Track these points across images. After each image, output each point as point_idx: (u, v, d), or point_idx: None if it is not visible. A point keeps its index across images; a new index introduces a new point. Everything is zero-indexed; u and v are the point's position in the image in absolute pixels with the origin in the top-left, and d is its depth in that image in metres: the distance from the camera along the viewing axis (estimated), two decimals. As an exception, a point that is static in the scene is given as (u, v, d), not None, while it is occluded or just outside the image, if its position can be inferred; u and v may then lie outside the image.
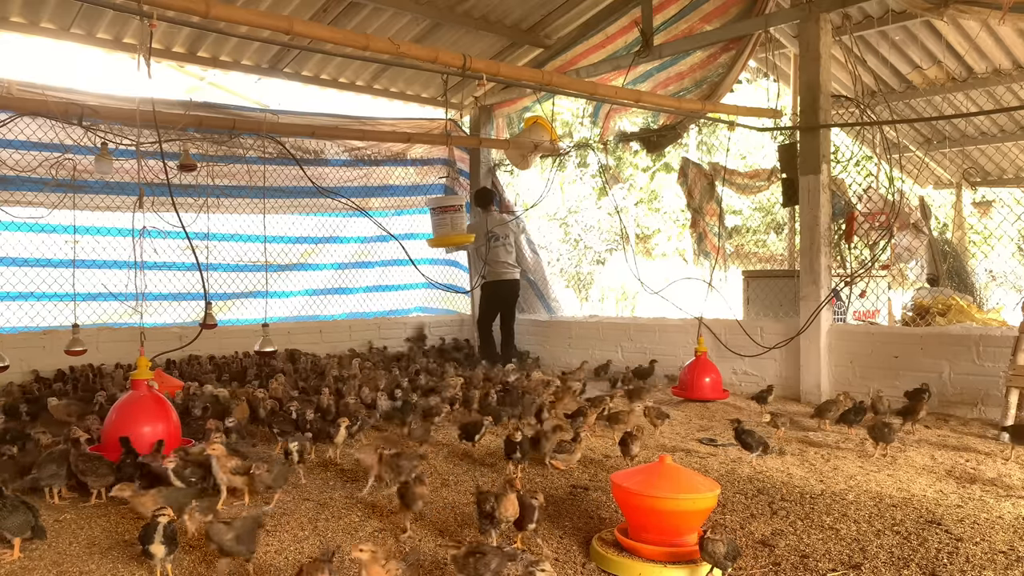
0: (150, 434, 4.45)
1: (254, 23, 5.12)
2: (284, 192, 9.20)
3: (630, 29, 8.86)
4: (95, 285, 8.13)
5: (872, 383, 6.65)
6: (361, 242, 10.14)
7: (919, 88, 9.80)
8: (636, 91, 7.77)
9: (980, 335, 6.23)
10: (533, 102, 9.55)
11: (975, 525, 3.61)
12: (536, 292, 10.52)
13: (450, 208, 8.21)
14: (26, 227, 7.76)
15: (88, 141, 7.28)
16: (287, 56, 9.08)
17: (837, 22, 7.59)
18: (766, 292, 8.26)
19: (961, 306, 8.04)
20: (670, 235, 21.11)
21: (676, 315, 8.15)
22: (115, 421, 4.59)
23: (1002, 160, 11.39)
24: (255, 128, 7.65)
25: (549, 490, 4.16)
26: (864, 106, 7.72)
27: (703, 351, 7.07)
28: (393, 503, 3.80)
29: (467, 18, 8.97)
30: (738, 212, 19.40)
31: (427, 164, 10.48)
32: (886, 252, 7.92)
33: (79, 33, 7.90)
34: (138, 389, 4.74)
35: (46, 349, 7.45)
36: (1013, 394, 5.43)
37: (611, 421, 5.40)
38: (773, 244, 19.82)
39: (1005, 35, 8.58)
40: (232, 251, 9.09)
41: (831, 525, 3.62)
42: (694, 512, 3.21)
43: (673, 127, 9.16)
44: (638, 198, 21.22)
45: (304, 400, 5.60)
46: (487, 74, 6.02)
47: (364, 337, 9.59)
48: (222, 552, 3.00)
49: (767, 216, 19.83)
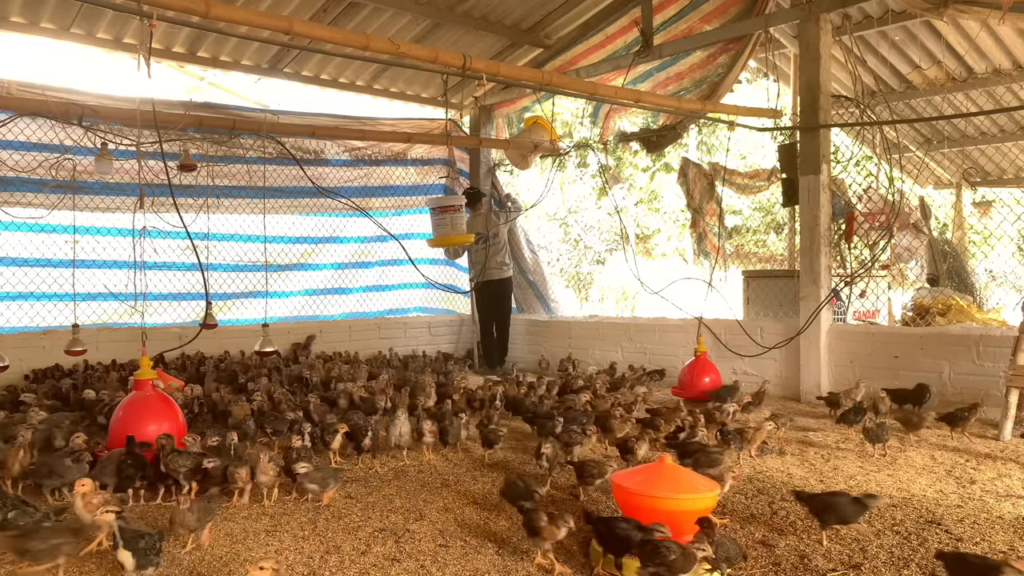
0: (156, 433, 4.44)
1: (254, 23, 5.12)
2: (284, 192, 9.20)
3: (630, 29, 8.86)
4: (95, 285, 8.13)
5: (872, 383, 6.64)
6: (360, 242, 10.15)
7: (919, 88, 9.80)
8: (636, 91, 7.76)
9: (980, 335, 6.23)
10: (533, 102, 9.55)
11: (975, 525, 3.61)
12: (536, 292, 10.52)
13: (450, 208, 8.21)
14: (26, 227, 7.76)
15: (88, 141, 7.28)
16: (287, 56, 9.08)
17: (837, 22, 7.59)
18: (766, 292, 8.26)
19: (961, 306, 8.04)
20: (670, 235, 21.11)
21: (676, 315, 8.15)
22: (121, 420, 4.59)
23: (1002, 160, 11.39)
24: (255, 128, 7.65)
25: (550, 490, 4.16)
26: (864, 106, 7.72)
27: (703, 351, 7.07)
28: (393, 504, 3.79)
29: (467, 18, 8.97)
30: (738, 212, 19.40)
31: (427, 164, 10.47)
32: (886, 252, 7.92)
33: (79, 33, 7.90)
34: (141, 389, 4.74)
35: (46, 349, 7.45)
36: (1013, 394, 5.43)
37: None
38: (773, 244, 19.82)
39: (1005, 35, 8.57)
40: (232, 251, 9.09)
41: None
42: (694, 512, 3.20)
43: (673, 127, 9.16)
44: (638, 198, 21.22)
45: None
46: (487, 74, 6.02)
47: (364, 337, 9.58)
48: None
49: (767, 216, 19.83)
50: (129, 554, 2.88)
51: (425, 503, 4.04)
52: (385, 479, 4.52)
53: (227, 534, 3.59)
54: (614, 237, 20.17)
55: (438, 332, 10.34)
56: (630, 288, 18.14)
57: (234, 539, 3.53)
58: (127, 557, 2.88)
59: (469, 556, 3.30)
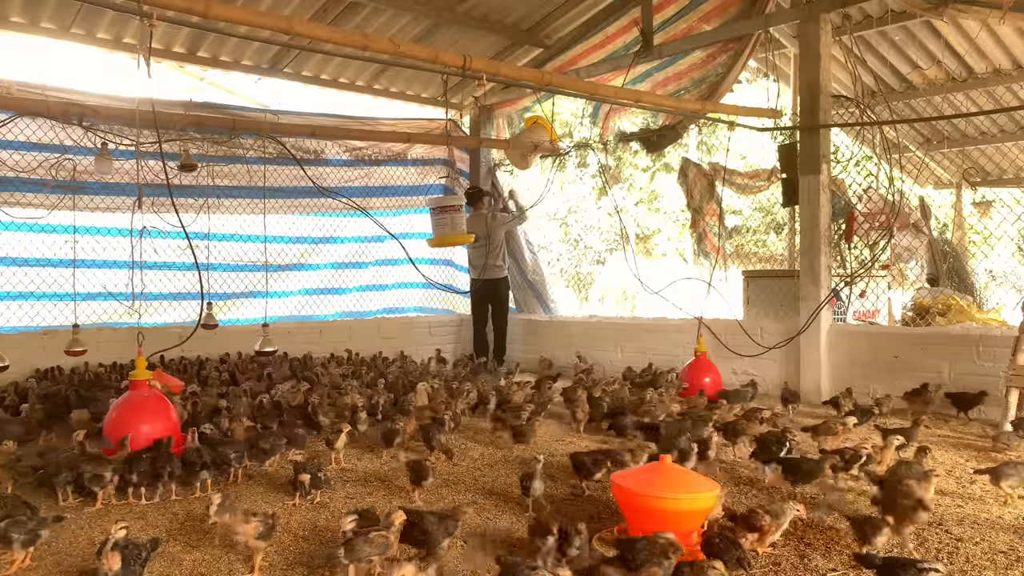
0: (150, 433, 4.45)
1: (254, 23, 5.13)
2: (284, 192, 9.21)
3: (629, 29, 8.86)
4: (95, 285, 8.13)
5: (872, 383, 6.65)
6: (359, 242, 10.16)
7: (919, 88, 9.80)
8: (636, 91, 7.77)
9: (980, 335, 6.23)
10: (533, 102, 9.55)
11: (975, 525, 3.61)
12: (535, 293, 10.52)
13: (450, 208, 8.20)
14: (26, 227, 7.76)
15: (88, 141, 7.28)
16: (287, 56, 9.08)
17: (837, 22, 7.58)
18: (766, 292, 8.26)
19: (961, 306, 8.05)
20: (670, 235, 21.10)
21: (676, 315, 8.15)
22: (115, 420, 4.60)
23: (1002, 160, 11.39)
24: (255, 128, 7.65)
25: (550, 490, 4.16)
26: (864, 106, 7.72)
27: (703, 351, 7.07)
28: (393, 504, 3.79)
29: (467, 18, 8.97)
30: (738, 212, 19.39)
31: (427, 164, 10.48)
32: (886, 252, 7.92)
33: (79, 33, 7.90)
34: (137, 389, 4.75)
35: (46, 349, 7.44)
36: (1013, 394, 5.43)
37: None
38: (773, 244, 19.80)
39: (1005, 35, 8.57)
40: (231, 251, 9.09)
41: (831, 525, 3.62)
42: (694, 512, 3.21)
43: (673, 127, 9.16)
44: (638, 198, 21.21)
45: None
46: (487, 74, 6.02)
47: (365, 337, 9.57)
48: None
49: (767, 216, 19.82)
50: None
51: (425, 503, 4.04)
52: (385, 479, 4.52)
53: (227, 533, 3.59)
54: (614, 237, 20.17)
55: (438, 332, 10.34)
56: (630, 288, 18.14)
57: (234, 539, 3.53)
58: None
59: (469, 556, 3.30)
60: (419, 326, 10.30)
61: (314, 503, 4.02)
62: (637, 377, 7.30)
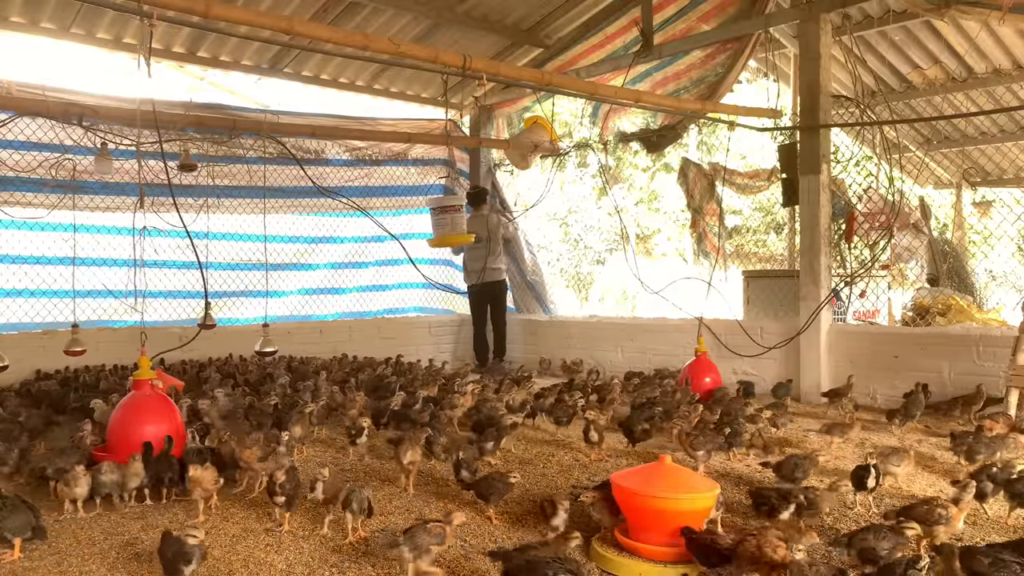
0: (153, 433, 4.44)
1: (254, 23, 5.13)
2: (284, 192, 9.21)
3: (629, 29, 8.86)
4: (95, 284, 8.13)
5: (872, 383, 6.65)
6: (359, 242, 10.16)
7: (919, 88, 9.79)
8: (636, 91, 7.77)
9: (980, 335, 6.23)
10: (533, 102, 9.55)
11: (975, 525, 3.61)
12: (535, 294, 10.52)
13: (450, 208, 8.21)
14: (26, 226, 7.76)
15: (88, 141, 7.28)
16: (287, 56, 9.08)
17: (837, 22, 7.58)
18: (766, 292, 8.26)
19: (961, 306, 8.05)
20: (670, 235, 21.10)
21: (676, 315, 8.15)
22: (119, 421, 4.59)
23: (1002, 160, 11.39)
24: (255, 128, 7.64)
25: (548, 490, 4.16)
26: (864, 106, 7.72)
27: (703, 351, 7.07)
28: (392, 504, 3.79)
29: (467, 18, 8.97)
30: (738, 212, 19.38)
31: (427, 164, 10.48)
32: (886, 252, 7.92)
33: (79, 33, 7.90)
34: (140, 389, 4.74)
35: (46, 349, 7.44)
36: (1013, 394, 5.43)
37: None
38: (773, 244, 19.80)
39: (1005, 35, 8.57)
40: (231, 250, 9.09)
41: (831, 525, 3.62)
42: (693, 511, 3.21)
43: (673, 127, 9.16)
44: (638, 198, 21.21)
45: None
46: (487, 74, 6.02)
47: (365, 337, 9.57)
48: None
49: (767, 216, 19.82)
50: None
51: (425, 504, 4.04)
52: (385, 479, 4.52)
53: (226, 534, 3.59)
54: (614, 237, 20.16)
55: (438, 332, 10.34)
56: (630, 288, 18.14)
57: (234, 539, 3.53)
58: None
59: (469, 556, 3.30)
60: (419, 326, 10.30)
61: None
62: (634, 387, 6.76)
